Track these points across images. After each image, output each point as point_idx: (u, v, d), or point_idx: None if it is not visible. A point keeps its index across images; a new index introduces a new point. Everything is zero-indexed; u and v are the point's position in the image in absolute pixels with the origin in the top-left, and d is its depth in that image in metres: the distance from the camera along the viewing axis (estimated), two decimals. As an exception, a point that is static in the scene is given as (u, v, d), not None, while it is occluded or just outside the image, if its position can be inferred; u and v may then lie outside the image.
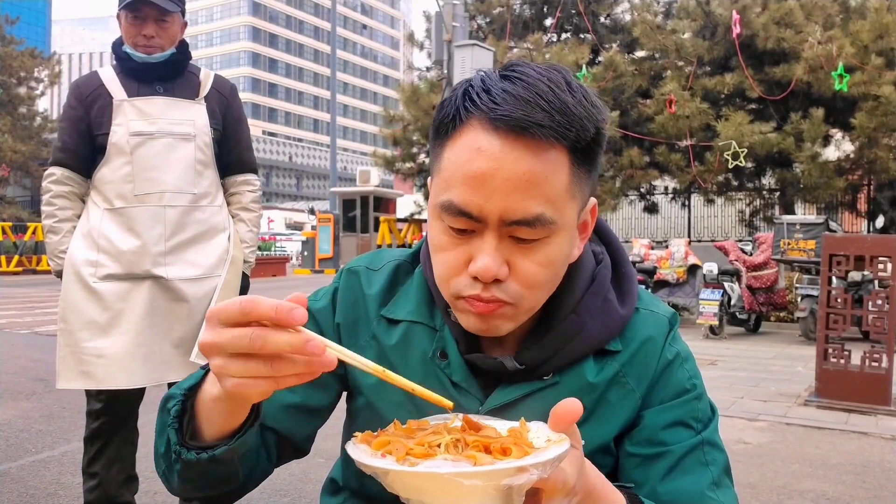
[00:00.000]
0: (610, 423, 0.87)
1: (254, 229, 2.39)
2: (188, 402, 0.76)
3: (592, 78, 11.03)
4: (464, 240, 0.77)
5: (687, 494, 0.84)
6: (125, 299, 2.12)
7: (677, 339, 0.92)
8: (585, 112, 0.74)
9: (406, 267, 0.96)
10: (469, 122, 0.75)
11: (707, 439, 0.88)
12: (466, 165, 0.74)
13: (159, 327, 2.15)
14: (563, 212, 0.76)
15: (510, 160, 0.72)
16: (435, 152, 0.80)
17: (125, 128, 2.15)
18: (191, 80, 2.28)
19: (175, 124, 2.19)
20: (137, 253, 2.13)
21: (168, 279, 2.15)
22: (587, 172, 0.78)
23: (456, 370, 0.87)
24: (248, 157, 2.41)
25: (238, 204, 2.38)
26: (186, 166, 2.19)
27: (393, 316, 0.91)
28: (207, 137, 2.24)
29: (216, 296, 2.21)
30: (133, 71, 2.21)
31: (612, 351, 0.88)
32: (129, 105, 2.17)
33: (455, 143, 0.76)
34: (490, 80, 0.76)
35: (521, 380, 0.86)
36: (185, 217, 2.19)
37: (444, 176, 0.77)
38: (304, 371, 0.61)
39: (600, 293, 0.88)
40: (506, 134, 0.72)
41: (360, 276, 0.95)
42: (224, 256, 2.26)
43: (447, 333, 0.88)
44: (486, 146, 0.73)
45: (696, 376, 0.91)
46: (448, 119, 0.77)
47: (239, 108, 2.41)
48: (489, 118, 0.73)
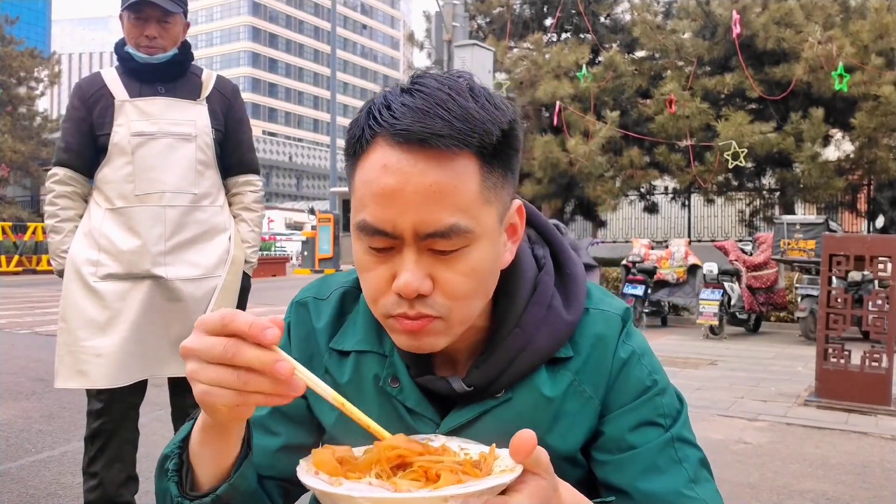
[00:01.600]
0: (571, 434, 0.85)
1: (255, 229, 2.40)
2: (183, 455, 0.77)
3: (592, 78, 11.03)
4: (385, 258, 0.75)
5: (664, 496, 0.82)
6: (124, 299, 2.12)
7: (632, 335, 0.89)
8: (488, 115, 0.73)
9: (353, 293, 0.94)
10: (375, 141, 0.74)
11: (677, 435, 0.85)
12: (375, 183, 0.73)
13: (157, 326, 2.15)
14: (479, 219, 0.74)
15: (416, 173, 0.71)
16: (348, 173, 0.79)
17: (127, 128, 2.16)
18: (193, 80, 2.29)
19: (176, 125, 2.19)
20: (137, 253, 2.13)
21: (167, 279, 2.15)
22: (501, 175, 0.77)
23: (409, 395, 0.85)
24: (249, 157, 2.42)
25: (240, 204, 2.38)
26: (187, 166, 2.19)
27: (341, 347, 0.90)
28: (209, 138, 2.24)
29: (216, 296, 2.21)
30: (135, 71, 2.21)
31: (563, 358, 0.86)
32: (130, 105, 2.18)
33: (364, 163, 0.75)
34: (392, 95, 0.75)
35: (475, 400, 0.84)
36: (185, 217, 2.19)
37: (357, 196, 0.76)
38: (273, 392, 0.62)
39: (543, 302, 0.85)
40: (408, 147, 0.71)
41: (308, 309, 0.94)
42: (224, 257, 2.26)
43: (397, 359, 0.87)
44: (392, 162, 0.72)
45: (655, 371, 0.88)
46: (355, 140, 0.76)
47: (241, 109, 2.41)
48: (391, 134, 0.72)
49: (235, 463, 0.74)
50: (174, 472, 0.76)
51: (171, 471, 0.76)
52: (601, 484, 0.86)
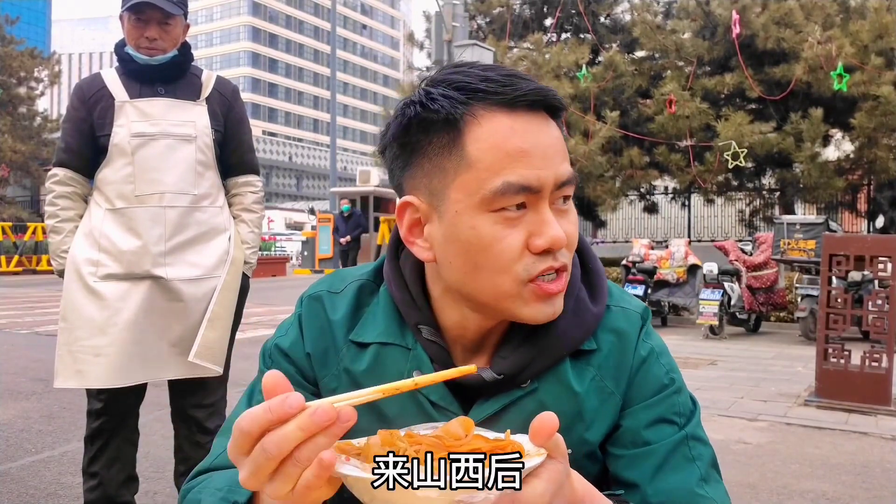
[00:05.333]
0: (593, 428, 0.85)
1: (255, 230, 2.39)
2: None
3: (592, 78, 11.03)
4: (515, 221, 0.77)
5: (676, 493, 0.82)
6: (124, 299, 2.12)
7: (651, 335, 0.90)
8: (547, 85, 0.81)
9: (370, 286, 0.92)
10: (480, 113, 0.76)
11: (691, 434, 0.86)
12: (508, 145, 0.76)
13: (156, 326, 2.16)
14: None
15: (541, 132, 0.78)
16: (441, 155, 0.78)
17: (127, 129, 2.16)
18: (192, 81, 2.29)
19: (176, 126, 2.19)
20: (138, 253, 2.13)
21: (167, 279, 2.15)
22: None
23: (433, 388, 0.84)
24: (249, 158, 2.41)
25: (240, 205, 2.38)
26: (187, 167, 2.19)
27: (362, 339, 0.88)
28: (208, 139, 2.24)
29: (215, 296, 2.21)
30: (135, 72, 2.21)
31: (586, 351, 0.86)
32: (130, 106, 2.18)
33: (476, 136, 0.76)
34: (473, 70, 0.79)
35: (500, 391, 0.84)
36: (185, 218, 2.19)
37: (480, 167, 0.76)
38: (332, 439, 0.57)
39: (572, 292, 0.86)
40: (523, 110, 0.77)
41: (322, 302, 0.92)
42: (224, 257, 2.26)
43: (420, 352, 0.86)
44: (517, 125, 0.77)
45: (673, 370, 0.89)
46: (453, 117, 0.76)
47: (241, 109, 2.41)
48: (504, 101, 0.76)
49: None
50: None
51: None
52: (613, 478, 0.87)
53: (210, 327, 2.19)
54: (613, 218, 14.80)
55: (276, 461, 0.57)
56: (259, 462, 0.57)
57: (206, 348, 2.18)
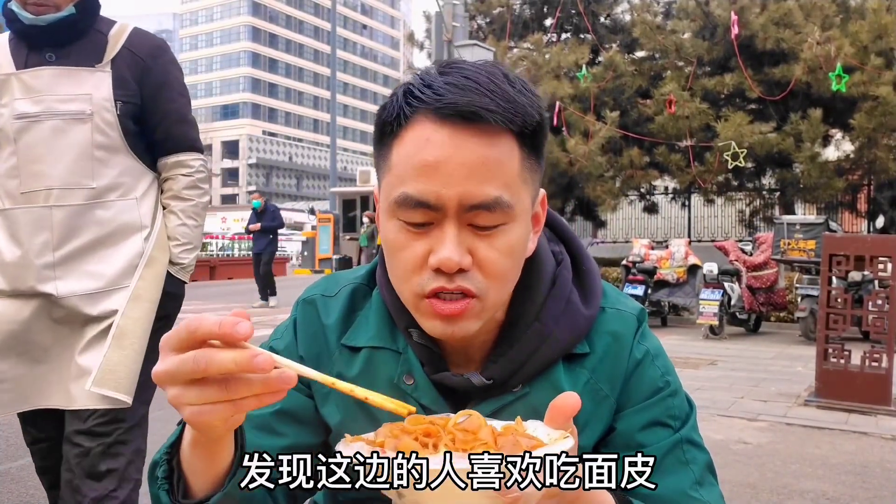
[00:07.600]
0: (587, 432, 0.85)
1: (187, 222, 1.92)
2: (173, 461, 0.73)
3: (592, 78, 11.03)
4: (422, 234, 0.75)
5: (668, 496, 0.82)
6: (14, 321, 1.75)
7: (646, 336, 0.90)
8: (528, 100, 0.75)
9: (363, 290, 0.93)
10: (414, 118, 0.74)
11: (685, 437, 0.86)
12: (418, 156, 0.73)
13: (59, 349, 1.78)
14: (519, 197, 0.76)
15: (462, 147, 0.72)
16: (381, 154, 0.79)
17: (10, 109, 1.74)
18: (95, 41, 1.80)
19: (65, 101, 1.73)
20: (20, 265, 1.73)
21: (58, 296, 1.73)
22: (536, 161, 0.78)
23: (424, 392, 0.84)
24: (179, 131, 1.91)
25: (169, 191, 1.91)
26: (80, 154, 1.74)
27: (354, 343, 0.89)
28: (110, 114, 1.77)
29: (122, 310, 1.76)
30: (22, 34, 1.76)
31: (579, 354, 0.86)
32: (16, 80, 1.74)
33: (403, 140, 0.75)
34: (429, 76, 0.76)
35: (491, 395, 0.84)
36: (78, 219, 1.75)
37: (395, 173, 0.76)
38: (264, 391, 0.58)
39: (563, 296, 0.86)
40: (453, 123, 0.72)
41: (316, 306, 0.92)
42: (136, 262, 1.82)
43: (411, 355, 0.86)
44: (436, 136, 0.73)
45: (668, 372, 0.89)
46: (392, 118, 0.76)
47: (164, 70, 1.89)
48: (434, 109, 0.72)
49: (230, 470, 0.70)
50: (164, 481, 0.73)
51: (161, 479, 0.73)
52: None
53: (116, 346, 1.73)
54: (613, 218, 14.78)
55: (197, 375, 0.57)
56: (185, 366, 0.57)
57: (109, 373, 1.70)
